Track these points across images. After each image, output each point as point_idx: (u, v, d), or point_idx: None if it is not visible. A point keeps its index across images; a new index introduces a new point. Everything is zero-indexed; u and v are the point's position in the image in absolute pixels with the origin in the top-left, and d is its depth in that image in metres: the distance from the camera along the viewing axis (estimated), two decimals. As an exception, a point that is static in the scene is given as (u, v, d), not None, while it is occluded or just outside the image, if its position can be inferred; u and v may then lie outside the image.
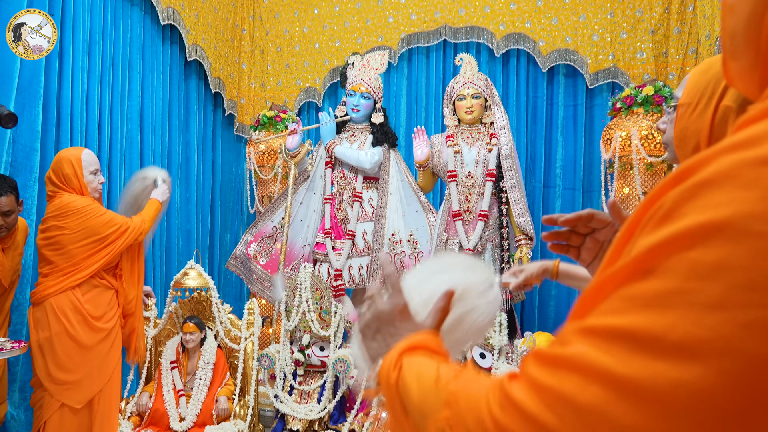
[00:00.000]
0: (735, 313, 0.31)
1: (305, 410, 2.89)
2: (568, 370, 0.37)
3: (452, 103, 3.38)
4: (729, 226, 0.32)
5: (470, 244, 3.22)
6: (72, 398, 2.38)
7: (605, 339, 0.36)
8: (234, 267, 3.65)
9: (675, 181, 0.37)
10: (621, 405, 0.34)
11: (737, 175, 0.33)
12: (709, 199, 0.34)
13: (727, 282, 0.31)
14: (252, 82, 4.86)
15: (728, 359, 0.31)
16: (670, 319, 0.33)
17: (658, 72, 3.81)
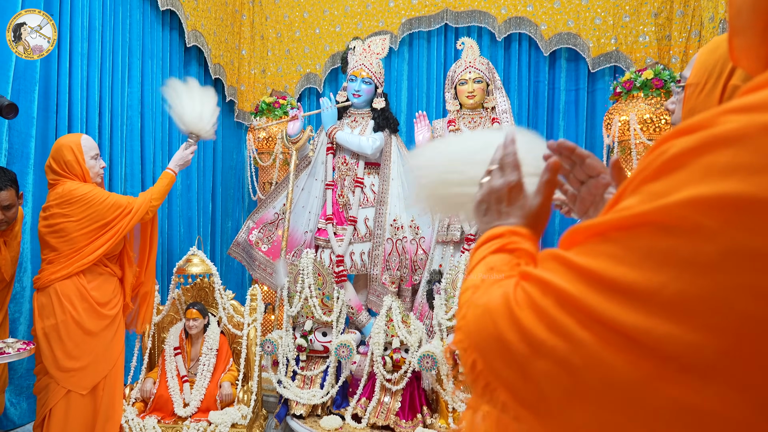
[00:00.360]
0: (727, 276, 0.32)
1: (308, 395, 2.91)
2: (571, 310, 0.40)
3: (454, 88, 3.36)
4: (729, 197, 0.33)
5: (472, 229, 3.22)
6: (78, 384, 2.39)
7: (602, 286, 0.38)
8: (236, 254, 3.65)
9: (683, 131, 0.38)
10: (614, 347, 0.36)
11: (744, 138, 0.34)
12: (713, 161, 0.34)
13: (723, 246, 0.32)
14: (252, 68, 4.84)
15: (717, 317, 0.32)
16: (665, 277, 0.35)
17: (661, 55, 3.78)
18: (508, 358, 0.44)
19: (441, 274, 3.06)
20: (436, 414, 2.83)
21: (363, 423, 2.77)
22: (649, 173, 0.39)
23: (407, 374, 2.78)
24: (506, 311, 0.45)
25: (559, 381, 0.40)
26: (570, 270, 0.41)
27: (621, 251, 0.38)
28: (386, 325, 2.86)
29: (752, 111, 0.34)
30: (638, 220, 0.38)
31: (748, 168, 0.33)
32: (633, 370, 0.36)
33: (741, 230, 0.32)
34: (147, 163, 3.78)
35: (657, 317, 0.35)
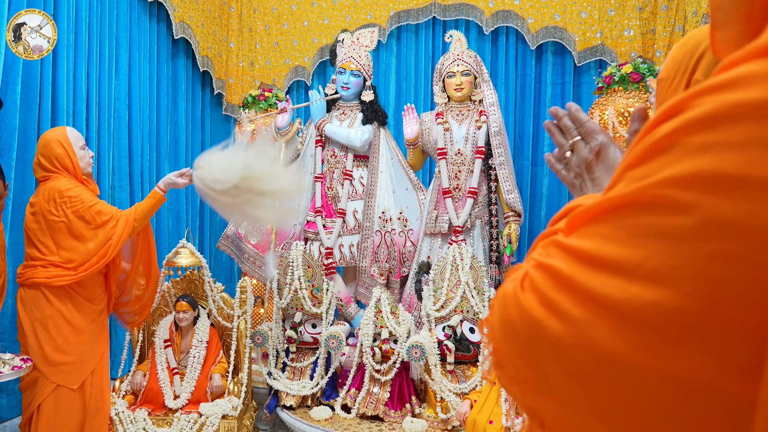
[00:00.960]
0: (702, 245, 0.35)
1: (298, 386, 2.93)
2: (566, 290, 0.43)
3: (442, 81, 3.39)
4: (703, 173, 0.35)
5: (460, 221, 3.25)
6: (68, 379, 2.37)
7: (592, 264, 0.41)
8: (225, 247, 3.66)
9: (663, 117, 0.40)
10: (603, 321, 0.39)
11: (716, 119, 0.36)
12: (688, 143, 0.37)
13: (699, 218, 0.35)
14: (240, 60, 4.82)
15: (693, 284, 0.35)
16: (647, 250, 0.37)
17: (645, 49, 3.83)
18: (513, 339, 0.48)
19: (429, 265, 3.10)
20: (425, 404, 2.87)
21: (352, 413, 2.81)
22: (632, 160, 0.42)
23: (396, 365, 2.82)
24: (514, 296, 0.48)
25: (556, 359, 0.42)
26: (566, 253, 0.44)
27: (609, 231, 0.41)
28: (375, 317, 2.89)
29: (722, 90, 0.36)
30: (622, 201, 0.40)
31: (719, 146, 0.35)
32: (621, 344, 0.38)
33: (713, 203, 0.35)
34: (135, 156, 3.76)
35: (640, 287, 0.37)
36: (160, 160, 4.07)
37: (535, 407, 0.48)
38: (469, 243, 3.24)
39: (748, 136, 0.34)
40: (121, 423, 2.59)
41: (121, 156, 3.63)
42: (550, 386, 0.44)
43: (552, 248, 0.47)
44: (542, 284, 0.45)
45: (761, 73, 0.35)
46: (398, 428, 2.67)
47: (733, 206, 0.34)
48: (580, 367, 0.41)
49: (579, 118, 0.82)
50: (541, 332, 0.44)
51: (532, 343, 0.45)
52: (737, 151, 0.34)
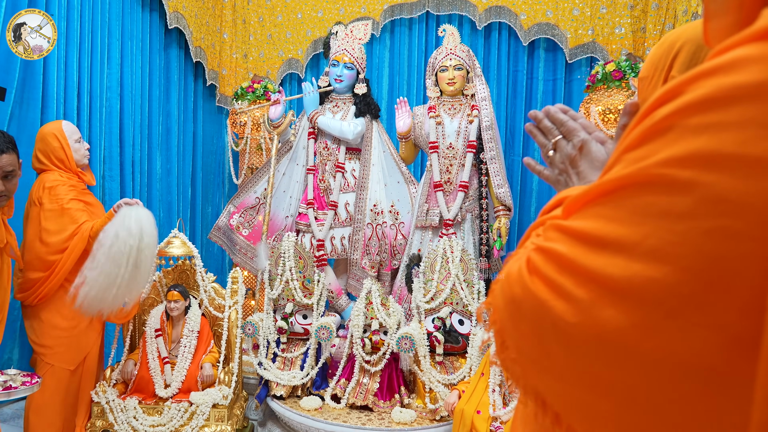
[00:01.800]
0: (700, 222, 0.36)
1: (288, 377, 2.95)
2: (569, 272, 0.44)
3: (434, 75, 3.40)
4: (700, 153, 0.37)
5: (450, 214, 3.28)
6: (62, 360, 2.50)
7: (593, 245, 0.42)
8: (216, 238, 3.67)
9: (660, 102, 0.41)
10: (605, 300, 0.40)
11: (711, 102, 0.37)
12: (685, 125, 0.38)
13: (697, 196, 0.36)
14: (234, 52, 4.81)
15: (691, 259, 0.36)
16: (647, 228, 0.39)
17: (636, 47, 3.87)
18: (517, 318, 0.49)
19: (420, 258, 3.12)
20: (414, 394, 2.91)
21: (342, 403, 2.83)
22: (630, 143, 0.43)
23: (386, 356, 2.85)
24: (519, 277, 0.49)
25: (560, 338, 0.43)
26: (567, 236, 0.46)
27: (609, 211, 0.42)
28: (366, 308, 2.91)
29: (718, 74, 0.38)
30: (621, 182, 0.42)
31: (716, 126, 0.36)
32: (623, 322, 0.39)
33: (711, 181, 0.36)
34: (126, 146, 3.75)
35: (640, 264, 0.38)
36: (152, 150, 4.07)
37: (537, 387, 0.49)
38: (459, 236, 3.27)
39: (743, 116, 0.35)
40: (111, 411, 2.60)
41: (112, 146, 3.62)
42: (554, 365, 0.45)
43: (552, 232, 0.48)
44: (544, 267, 0.46)
45: (756, 56, 0.36)
46: (387, 418, 2.70)
47: (730, 184, 0.35)
48: (583, 346, 0.42)
49: (558, 118, 0.85)
50: (545, 312, 0.45)
51: (536, 323, 0.46)
52: (733, 131, 0.35)
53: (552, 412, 0.48)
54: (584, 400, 0.43)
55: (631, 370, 0.39)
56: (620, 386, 0.40)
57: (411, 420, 2.65)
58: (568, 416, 0.46)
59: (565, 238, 0.46)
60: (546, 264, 0.47)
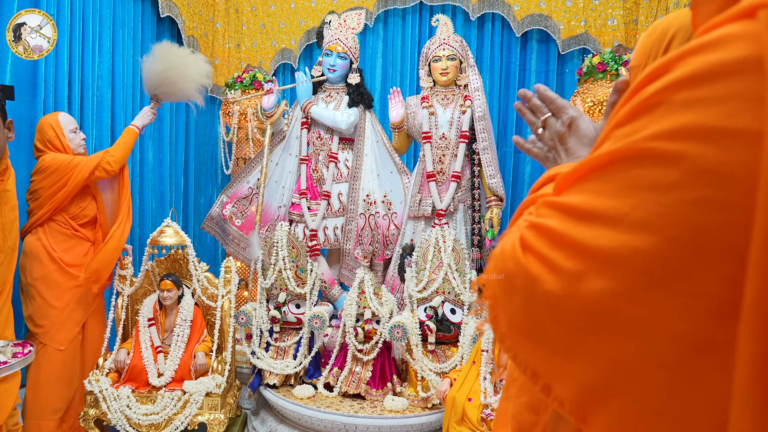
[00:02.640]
0: (686, 193, 0.37)
1: (281, 365, 2.97)
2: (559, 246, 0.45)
3: (428, 65, 3.40)
4: (687, 127, 0.38)
5: (443, 204, 3.30)
6: (53, 340, 2.67)
7: (583, 218, 0.44)
8: (209, 228, 3.66)
9: (649, 79, 0.43)
10: (594, 271, 0.41)
11: (698, 78, 0.39)
12: (673, 100, 0.39)
13: (684, 168, 0.38)
14: (227, 42, 4.79)
15: (676, 229, 0.38)
16: (636, 199, 0.40)
17: (628, 39, 3.88)
18: (510, 292, 0.50)
19: (412, 248, 3.14)
20: (406, 383, 2.93)
21: (335, 392, 2.85)
22: (620, 119, 0.44)
23: (378, 345, 2.86)
24: (512, 254, 0.50)
25: (551, 310, 0.45)
26: (559, 211, 0.47)
27: (599, 185, 0.43)
28: (358, 297, 2.93)
29: (704, 51, 0.39)
30: (611, 157, 0.43)
31: (702, 101, 0.38)
32: (611, 292, 0.40)
33: (697, 153, 0.37)
34: (117, 135, 3.70)
35: (628, 235, 0.39)
36: (143, 140, 4.04)
37: (528, 358, 0.50)
38: (451, 226, 3.29)
39: (727, 91, 0.37)
40: (104, 400, 2.61)
41: (103, 136, 3.60)
42: (544, 337, 0.47)
43: (543, 208, 0.49)
44: (536, 243, 0.48)
45: (740, 33, 0.37)
46: (379, 406, 2.72)
47: (714, 155, 0.36)
48: (573, 317, 0.43)
49: (548, 96, 0.86)
50: (536, 286, 0.46)
51: (528, 297, 0.48)
52: (718, 105, 0.37)
53: (542, 382, 0.49)
54: (573, 369, 0.45)
55: (618, 339, 0.40)
56: (608, 354, 0.41)
57: (403, 408, 2.68)
58: (557, 386, 0.47)
59: (556, 213, 0.47)
60: (538, 240, 0.48)
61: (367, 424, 2.60)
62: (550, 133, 0.85)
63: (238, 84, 4.04)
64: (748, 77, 0.36)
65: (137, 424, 2.59)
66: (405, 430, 2.64)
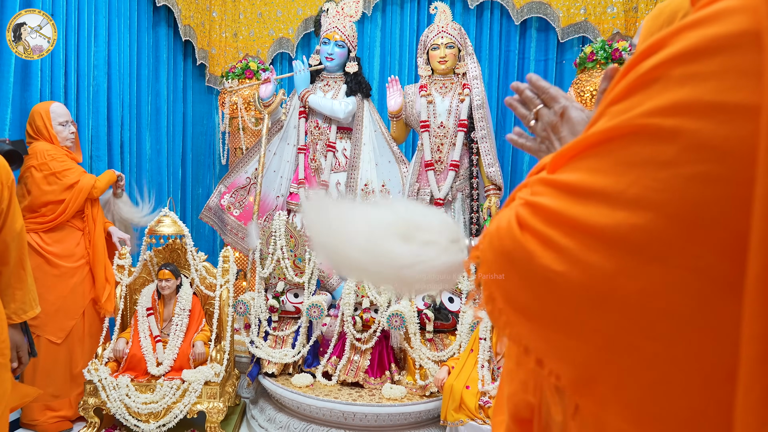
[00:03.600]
0: (683, 169, 0.37)
1: (280, 354, 2.97)
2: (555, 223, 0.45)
3: (426, 53, 3.38)
4: (683, 102, 0.38)
5: (441, 193, 3.29)
6: (47, 332, 2.71)
7: (579, 195, 0.43)
8: (207, 218, 3.65)
9: (645, 54, 0.42)
10: (591, 248, 0.41)
11: (694, 53, 0.38)
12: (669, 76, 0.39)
13: (680, 144, 0.37)
14: (224, 31, 4.75)
15: (673, 205, 0.37)
16: (632, 176, 0.40)
17: (627, 27, 3.86)
18: (507, 268, 0.50)
19: (411, 237, 3.13)
20: (404, 371, 2.94)
21: (333, 380, 2.86)
22: (615, 96, 0.43)
23: (376, 333, 2.87)
24: (509, 232, 0.50)
25: (548, 287, 0.45)
26: (554, 189, 0.47)
27: (595, 163, 0.43)
28: (356, 286, 2.93)
29: (701, 25, 0.38)
30: (607, 135, 0.42)
31: (698, 76, 0.37)
32: (608, 268, 0.40)
33: (693, 128, 0.37)
34: (114, 126, 3.71)
35: (625, 212, 0.39)
36: (141, 130, 4.03)
37: (521, 334, 0.51)
38: (450, 215, 3.29)
39: (723, 65, 0.36)
40: (104, 389, 2.61)
41: (99, 126, 3.58)
42: (541, 314, 0.47)
43: (539, 186, 0.49)
44: (532, 221, 0.47)
45: (736, 7, 0.37)
46: (378, 394, 2.73)
47: (711, 130, 0.36)
48: (570, 293, 0.43)
49: (540, 86, 0.85)
50: (534, 263, 0.46)
51: (525, 274, 0.47)
52: (714, 80, 0.36)
53: (536, 357, 0.49)
54: (570, 344, 0.45)
55: (614, 314, 0.40)
56: (604, 329, 0.41)
57: (401, 396, 2.69)
58: (551, 361, 0.47)
59: (552, 191, 0.47)
60: (534, 217, 0.48)
61: (366, 412, 2.61)
62: (543, 123, 0.84)
63: (231, 74, 4.02)
64: (745, 51, 0.36)
65: (136, 413, 2.60)
66: (403, 417, 2.65)
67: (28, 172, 2.73)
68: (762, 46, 0.35)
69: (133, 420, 2.59)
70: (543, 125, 0.84)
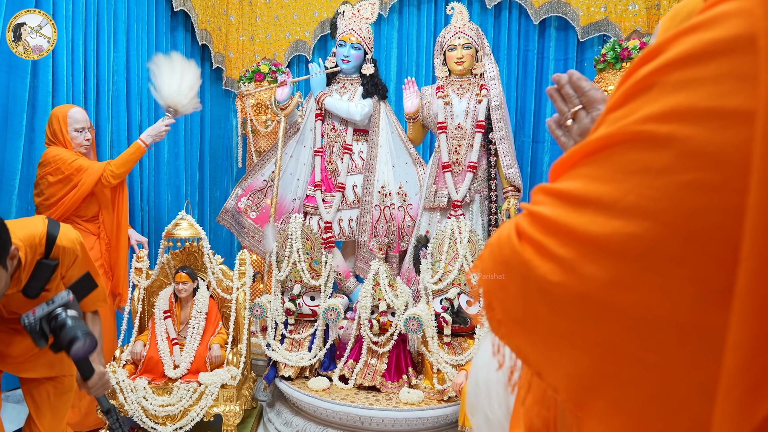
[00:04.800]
0: (678, 176, 0.36)
1: (296, 358, 2.96)
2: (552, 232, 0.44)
3: (443, 54, 3.35)
4: (679, 108, 0.37)
5: (459, 195, 3.25)
6: None
7: (576, 204, 0.43)
8: (225, 221, 3.66)
9: (644, 60, 0.41)
10: (587, 257, 0.40)
11: (691, 57, 0.37)
12: (665, 81, 0.38)
13: (676, 151, 0.36)
14: (240, 34, 4.78)
15: (670, 214, 0.36)
16: (628, 184, 0.39)
17: (650, 25, 3.78)
18: (506, 280, 0.50)
19: (428, 239, 3.10)
20: (421, 375, 2.90)
21: (350, 384, 2.84)
22: (613, 103, 0.43)
23: (393, 337, 2.84)
24: (508, 239, 0.50)
25: (543, 297, 0.44)
26: (552, 197, 0.46)
27: (592, 171, 0.42)
28: (373, 289, 2.90)
29: (698, 30, 0.38)
30: (604, 142, 0.42)
31: (694, 82, 0.36)
32: (604, 278, 0.39)
33: (689, 135, 0.36)
34: (133, 130, 3.75)
35: (621, 221, 0.38)
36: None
37: (520, 345, 0.50)
38: (468, 217, 3.24)
39: (719, 70, 0.36)
40: (121, 392, 2.62)
41: (120, 130, 3.62)
42: (537, 325, 0.46)
43: (539, 195, 0.49)
44: (530, 230, 0.47)
45: (733, 10, 0.36)
46: (395, 398, 2.70)
47: (707, 137, 0.35)
48: (566, 304, 0.42)
49: (581, 86, 0.83)
50: (530, 273, 0.45)
51: (522, 284, 0.47)
52: (710, 85, 0.36)
53: (534, 369, 0.49)
54: (566, 357, 0.44)
55: (612, 325, 0.40)
56: (602, 341, 0.41)
57: (419, 400, 2.65)
58: (549, 374, 0.47)
59: (550, 199, 0.46)
60: (532, 226, 0.47)
61: (383, 417, 2.58)
62: (579, 127, 0.82)
63: (243, 78, 4.04)
64: (740, 55, 0.35)
65: (153, 416, 2.60)
66: (420, 422, 2.61)
67: (43, 179, 2.75)
68: (757, 50, 0.34)
69: (151, 422, 2.60)
70: (579, 129, 0.82)
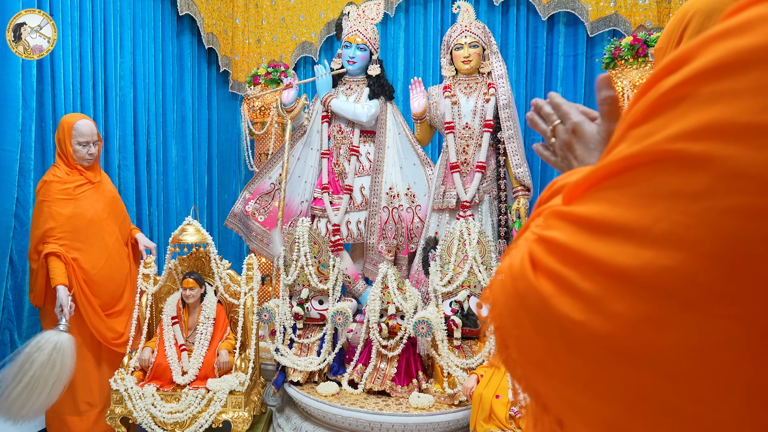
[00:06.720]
0: (717, 201, 0.32)
1: (305, 362, 2.93)
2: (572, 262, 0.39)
3: (450, 53, 3.31)
4: (714, 124, 0.33)
5: (467, 196, 3.20)
6: None
7: (598, 231, 0.38)
8: (233, 224, 3.65)
9: (668, 69, 0.37)
10: (614, 293, 0.36)
11: (725, 67, 0.33)
12: (696, 94, 0.34)
13: (713, 173, 0.32)
14: (246, 37, 4.77)
15: (710, 243, 0.32)
16: (658, 210, 0.34)
17: (660, 19, 3.71)
18: (520, 317, 0.45)
19: (436, 241, 3.06)
20: (432, 379, 2.86)
21: (359, 388, 2.80)
22: (635, 118, 0.38)
23: (403, 340, 2.80)
24: (521, 273, 0.45)
25: (565, 337, 0.39)
26: (570, 223, 0.41)
27: (615, 194, 0.38)
28: (382, 292, 2.87)
29: (730, 36, 0.34)
30: (629, 162, 0.37)
31: (731, 94, 0.32)
32: (635, 317, 0.35)
33: (728, 154, 0.32)
34: (140, 135, 3.75)
35: (652, 251, 0.34)
36: (166, 139, 4.06)
37: (538, 389, 0.45)
38: (477, 218, 3.20)
39: (760, 82, 0.31)
40: (130, 398, 2.61)
41: (126, 135, 3.62)
42: (558, 368, 0.41)
43: (553, 219, 0.44)
44: (546, 259, 0.42)
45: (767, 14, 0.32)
46: (405, 403, 2.66)
47: (749, 156, 0.31)
48: (591, 346, 0.37)
49: (555, 102, 0.82)
50: (549, 310, 0.40)
51: (540, 322, 0.42)
52: (750, 98, 0.32)
53: (554, 416, 0.43)
54: (590, 406, 0.39)
55: (645, 370, 0.35)
56: (633, 388, 0.36)
57: (429, 405, 2.61)
58: (571, 423, 0.42)
59: (567, 225, 0.41)
60: (548, 255, 0.42)
61: (393, 422, 2.54)
62: (559, 141, 0.81)
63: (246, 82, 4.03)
64: None
65: (162, 422, 2.59)
66: (431, 427, 2.57)
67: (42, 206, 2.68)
68: None
69: (159, 430, 2.58)
70: (559, 143, 0.81)
